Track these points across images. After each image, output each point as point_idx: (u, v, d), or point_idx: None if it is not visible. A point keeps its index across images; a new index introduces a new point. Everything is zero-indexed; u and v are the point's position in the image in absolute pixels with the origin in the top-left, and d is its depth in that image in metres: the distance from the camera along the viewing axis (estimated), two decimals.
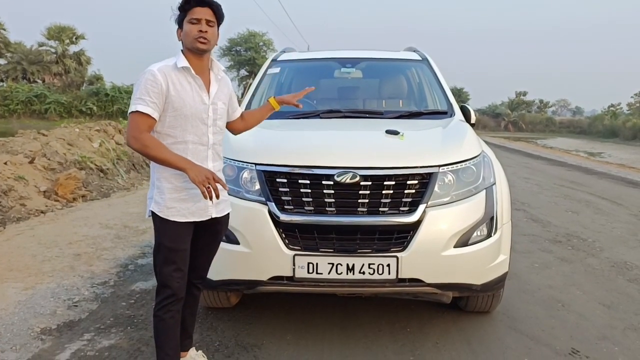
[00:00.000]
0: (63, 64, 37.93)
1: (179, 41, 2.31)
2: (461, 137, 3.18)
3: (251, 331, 3.12)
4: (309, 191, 2.68)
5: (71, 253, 4.65)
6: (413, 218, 2.65)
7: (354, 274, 2.65)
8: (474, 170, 2.88)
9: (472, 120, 3.78)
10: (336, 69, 4.56)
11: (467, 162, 2.87)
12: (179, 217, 2.25)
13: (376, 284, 2.68)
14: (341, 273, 2.65)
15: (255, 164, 2.79)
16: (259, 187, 2.76)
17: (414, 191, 2.69)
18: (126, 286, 3.90)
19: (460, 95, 55.84)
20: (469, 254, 2.73)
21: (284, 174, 2.72)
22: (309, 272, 2.65)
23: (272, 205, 2.70)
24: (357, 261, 2.64)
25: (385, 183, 2.67)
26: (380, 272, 2.64)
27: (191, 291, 2.50)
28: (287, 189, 2.70)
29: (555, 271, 4.43)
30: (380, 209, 2.67)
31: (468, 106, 3.91)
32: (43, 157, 7.82)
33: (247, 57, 42.21)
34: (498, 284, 2.97)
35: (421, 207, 2.67)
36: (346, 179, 2.64)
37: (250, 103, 4.00)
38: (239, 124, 2.62)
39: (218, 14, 2.28)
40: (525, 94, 60.90)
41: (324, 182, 2.67)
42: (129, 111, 2.19)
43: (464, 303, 3.34)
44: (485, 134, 40.38)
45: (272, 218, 2.69)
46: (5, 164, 6.98)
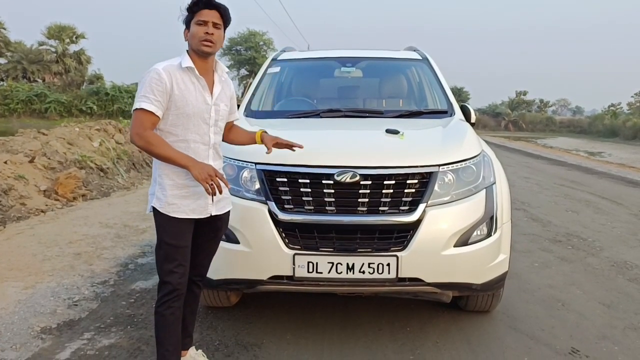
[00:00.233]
0: (63, 63, 37.93)
1: (185, 41, 2.33)
2: (461, 136, 3.18)
3: (251, 330, 3.12)
4: (309, 190, 2.68)
5: (71, 252, 4.65)
6: (413, 217, 2.66)
7: (353, 273, 2.65)
8: (474, 169, 2.88)
9: (472, 120, 3.78)
10: (336, 68, 4.56)
11: (467, 162, 2.87)
12: (179, 214, 2.27)
13: (376, 283, 2.68)
14: (341, 272, 2.65)
15: (255, 163, 2.79)
16: (259, 187, 2.76)
17: (414, 190, 2.69)
18: (126, 285, 3.90)
19: (461, 94, 55.80)
20: (469, 253, 2.73)
21: (284, 173, 2.72)
22: (309, 272, 2.65)
23: (272, 205, 2.70)
24: (357, 260, 2.64)
25: (385, 182, 2.67)
26: (380, 271, 2.64)
27: (191, 289, 2.51)
28: (287, 188, 2.70)
29: (555, 270, 4.43)
30: (380, 208, 2.67)
31: (468, 105, 3.91)
32: (43, 156, 7.82)
33: (247, 56, 42.20)
34: (498, 283, 2.97)
35: (421, 207, 2.67)
36: (346, 178, 2.64)
37: (250, 102, 3.99)
38: (227, 130, 2.58)
39: (225, 17, 2.30)
40: (525, 93, 60.86)
41: (324, 182, 2.67)
42: (133, 108, 2.22)
43: (463, 302, 3.34)
44: (485, 133, 40.38)
45: (272, 217, 2.69)
46: (6, 163, 6.99)
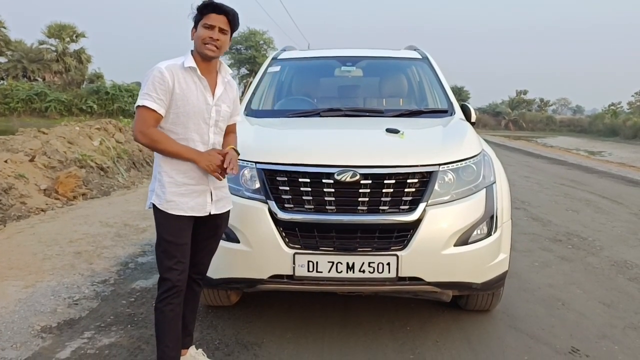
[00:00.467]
0: (63, 62, 37.91)
1: (191, 40, 2.32)
2: (461, 135, 3.18)
3: (251, 329, 3.12)
4: (309, 190, 2.68)
5: (71, 251, 4.65)
6: (413, 217, 2.66)
7: (354, 272, 2.65)
8: (474, 169, 2.88)
9: (473, 119, 3.78)
10: (336, 67, 4.56)
11: (467, 161, 2.87)
12: (177, 211, 2.28)
13: (376, 283, 2.68)
14: (341, 271, 2.65)
15: (256, 162, 2.79)
16: (259, 186, 2.76)
17: (414, 190, 2.69)
18: (126, 284, 3.90)
19: (461, 94, 55.77)
20: (469, 252, 2.73)
21: (284, 172, 2.71)
22: (309, 271, 2.65)
23: (272, 204, 2.70)
24: (357, 260, 2.64)
25: (386, 182, 2.67)
26: (380, 270, 2.64)
27: (192, 287, 2.51)
28: (287, 188, 2.70)
29: (555, 270, 4.43)
30: (381, 207, 2.67)
31: (468, 105, 3.91)
32: (43, 155, 7.82)
33: (248, 55, 42.16)
34: (498, 282, 2.97)
35: (421, 206, 2.67)
36: (346, 177, 2.64)
37: (250, 101, 3.99)
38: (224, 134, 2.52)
39: (233, 23, 2.29)
40: (525, 92, 60.85)
41: (324, 181, 2.67)
42: (135, 105, 2.24)
43: (464, 302, 3.34)
44: (485, 132, 40.40)
45: (273, 216, 2.69)
46: (6, 162, 6.99)
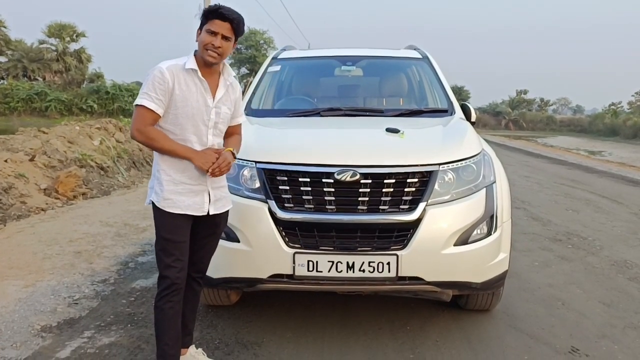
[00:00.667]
0: (64, 62, 37.89)
1: (196, 41, 2.31)
2: (461, 135, 3.18)
3: (251, 329, 3.12)
4: (309, 189, 2.68)
5: (71, 251, 4.65)
6: (413, 216, 2.66)
7: (354, 272, 2.65)
8: (474, 168, 2.88)
9: (473, 119, 3.78)
10: (337, 67, 4.56)
11: (467, 161, 2.87)
12: (174, 209, 2.29)
13: (376, 282, 2.68)
14: (341, 271, 2.65)
15: (256, 162, 2.79)
16: (259, 185, 2.76)
17: (414, 189, 2.69)
18: (126, 284, 3.91)
19: (461, 93, 55.75)
20: (469, 252, 2.73)
21: (284, 172, 2.72)
22: (309, 270, 2.65)
23: (272, 203, 2.70)
24: (357, 259, 2.64)
25: (386, 181, 2.67)
26: (380, 270, 2.64)
27: (192, 286, 2.52)
28: (287, 187, 2.70)
29: (555, 270, 4.43)
30: (381, 207, 2.67)
31: (468, 104, 3.91)
32: (43, 154, 7.82)
33: (248, 55, 42.17)
34: (498, 282, 2.97)
35: (421, 205, 2.67)
36: (346, 177, 2.64)
37: (250, 101, 3.99)
38: (226, 134, 2.51)
39: (237, 29, 2.28)
40: (526, 92, 60.87)
41: (324, 180, 2.67)
42: (134, 103, 2.25)
43: (463, 301, 3.34)
44: (485, 132, 40.38)
45: (272, 216, 2.69)
46: (6, 161, 6.99)
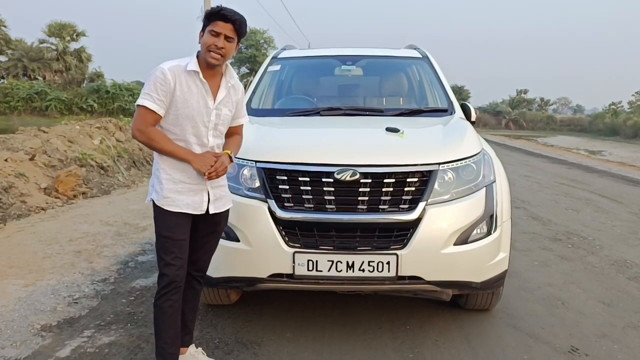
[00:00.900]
0: (64, 61, 37.89)
1: (199, 43, 2.31)
2: (461, 134, 3.18)
3: (251, 328, 3.12)
4: (309, 189, 2.68)
5: (71, 250, 4.65)
6: (413, 216, 2.66)
7: (353, 271, 2.65)
8: (474, 168, 2.88)
9: (473, 118, 3.78)
10: (337, 66, 4.56)
11: (467, 160, 2.87)
12: (174, 208, 2.30)
13: (376, 282, 2.68)
14: (341, 270, 2.65)
15: (256, 161, 2.79)
16: (259, 185, 2.76)
17: (414, 189, 2.69)
18: (126, 283, 3.91)
19: (461, 93, 55.74)
20: (469, 251, 2.73)
21: (284, 171, 2.72)
22: (308, 270, 2.66)
23: (272, 203, 2.70)
24: (357, 259, 2.65)
25: (385, 181, 2.67)
26: (380, 269, 2.64)
27: (192, 285, 2.52)
28: (287, 187, 2.70)
29: (555, 269, 4.43)
30: (380, 206, 2.67)
31: (468, 104, 3.91)
32: (43, 154, 7.82)
33: (248, 54, 42.18)
34: (498, 281, 2.97)
35: (421, 205, 2.67)
36: (346, 176, 2.64)
37: (250, 100, 3.99)
38: (227, 135, 2.51)
39: (240, 30, 2.28)
40: (526, 92, 60.86)
41: (324, 180, 2.67)
42: (136, 103, 2.26)
43: (463, 301, 3.34)
44: (485, 132, 40.37)
45: (272, 215, 2.69)
46: (6, 160, 6.99)
